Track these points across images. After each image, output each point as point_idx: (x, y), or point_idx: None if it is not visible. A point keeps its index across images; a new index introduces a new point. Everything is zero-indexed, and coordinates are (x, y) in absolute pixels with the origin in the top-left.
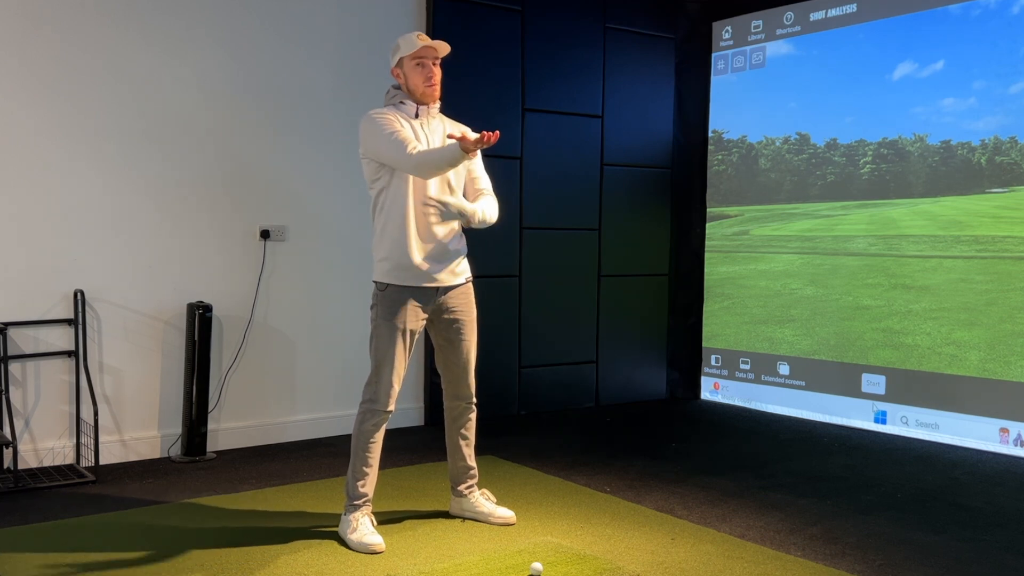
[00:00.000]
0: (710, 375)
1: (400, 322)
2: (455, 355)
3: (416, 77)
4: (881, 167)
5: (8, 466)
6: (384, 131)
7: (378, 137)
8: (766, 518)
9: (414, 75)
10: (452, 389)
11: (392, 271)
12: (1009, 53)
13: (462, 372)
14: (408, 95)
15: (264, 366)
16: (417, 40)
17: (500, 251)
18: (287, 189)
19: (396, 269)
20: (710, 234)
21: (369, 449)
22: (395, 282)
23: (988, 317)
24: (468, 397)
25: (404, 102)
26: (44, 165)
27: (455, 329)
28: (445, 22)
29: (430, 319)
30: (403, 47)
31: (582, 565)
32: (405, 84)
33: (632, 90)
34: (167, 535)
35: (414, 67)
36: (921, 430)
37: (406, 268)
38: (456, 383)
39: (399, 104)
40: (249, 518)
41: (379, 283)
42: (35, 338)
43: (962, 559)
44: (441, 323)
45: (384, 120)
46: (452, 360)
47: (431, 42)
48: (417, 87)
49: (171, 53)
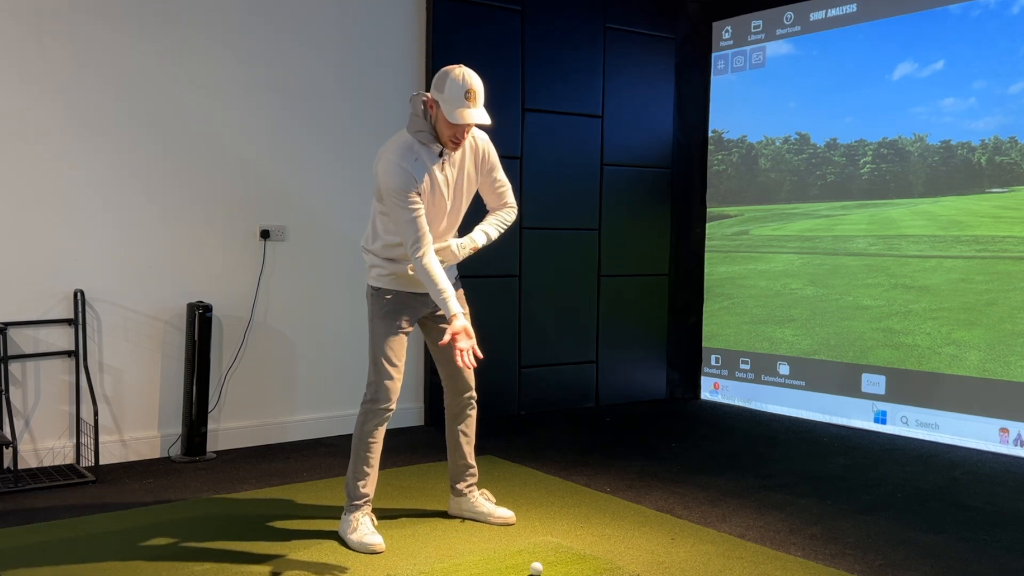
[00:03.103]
0: (710, 375)
1: (394, 319)
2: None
3: (446, 131)
4: (881, 167)
5: (8, 466)
6: (406, 214)
7: (397, 211)
8: (766, 518)
9: (445, 128)
10: (451, 385)
11: (386, 277)
12: (1009, 53)
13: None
14: (433, 130)
15: (264, 366)
16: (464, 106)
17: (500, 251)
18: (287, 189)
19: (391, 277)
20: (710, 234)
21: (370, 449)
22: (389, 287)
23: (988, 317)
24: (468, 391)
25: (429, 145)
26: (44, 165)
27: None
28: (445, 22)
29: (423, 320)
30: (450, 100)
31: (582, 565)
32: (434, 120)
33: (632, 90)
34: (167, 535)
35: (449, 124)
36: (921, 430)
37: (402, 277)
38: (454, 379)
39: (424, 145)
40: (249, 518)
41: (372, 287)
42: (35, 338)
43: (962, 559)
44: (435, 320)
45: (410, 197)
46: (450, 356)
47: (474, 120)
48: (442, 136)
49: (171, 53)
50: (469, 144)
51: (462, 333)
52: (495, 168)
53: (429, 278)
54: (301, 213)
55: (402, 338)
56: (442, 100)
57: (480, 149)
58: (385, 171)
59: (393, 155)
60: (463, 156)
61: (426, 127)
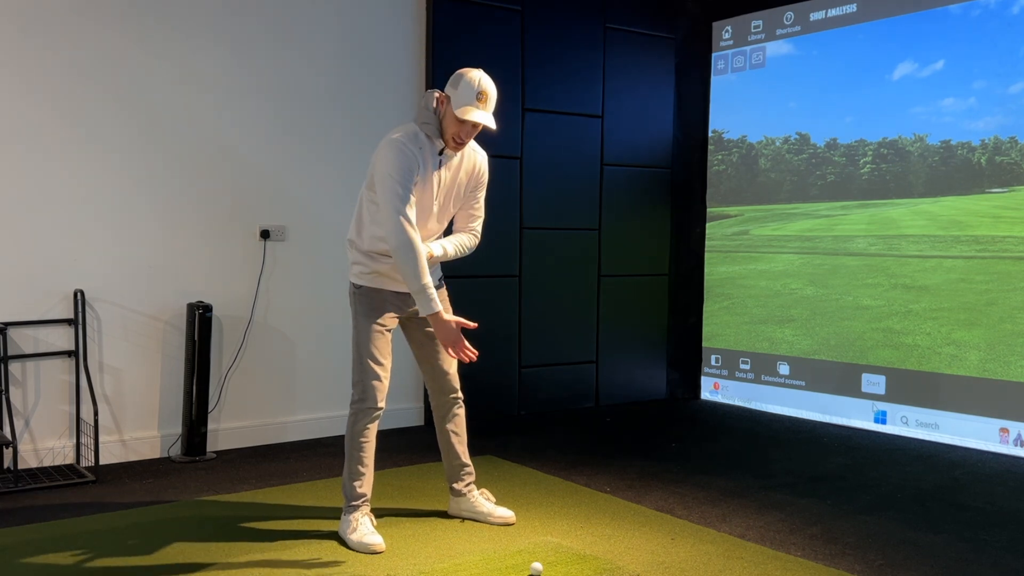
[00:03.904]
0: (710, 375)
1: (378, 317)
2: (434, 350)
3: (452, 128)
4: (881, 167)
5: (8, 466)
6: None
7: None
8: (766, 518)
9: (452, 125)
10: (435, 385)
11: (368, 275)
12: (1009, 53)
13: (442, 367)
14: (439, 125)
15: (264, 366)
16: (474, 106)
17: (500, 251)
18: (287, 189)
19: (373, 274)
20: (710, 234)
21: (363, 449)
22: (371, 284)
23: (988, 317)
24: (453, 391)
25: (433, 139)
26: (44, 165)
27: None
28: (445, 22)
29: (404, 320)
30: (462, 96)
31: (582, 565)
32: (441, 117)
33: (632, 90)
34: (167, 535)
35: (456, 120)
36: (921, 430)
37: (384, 274)
38: (439, 378)
39: (429, 137)
40: (249, 518)
41: (355, 284)
42: (35, 338)
43: (962, 559)
44: (417, 321)
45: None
46: (431, 356)
47: (480, 120)
48: (446, 132)
49: (171, 53)
50: (468, 155)
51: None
52: (481, 188)
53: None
54: (301, 213)
55: (387, 336)
56: (454, 96)
57: (477, 164)
58: (386, 150)
59: (398, 138)
60: (459, 163)
61: (433, 120)
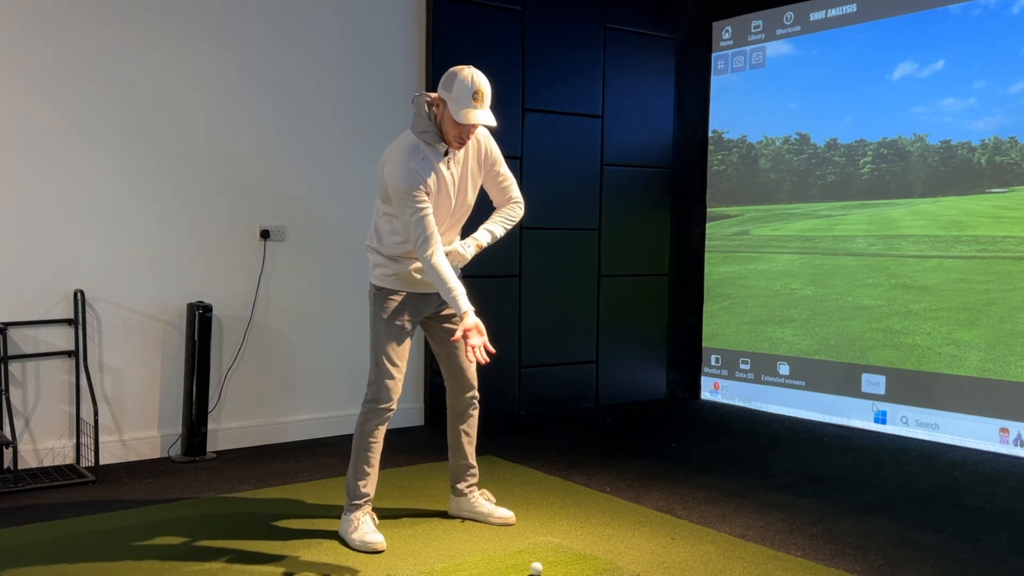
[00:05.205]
0: (710, 375)
1: (397, 319)
2: (453, 348)
3: (452, 131)
4: (881, 167)
5: (8, 466)
6: (415, 213)
7: (405, 211)
8: (766, 518)
9: (451, 128)
10: (454, 383)
11: (390, 277)
12: (1009, 53)
13: (460, 364)
14: (437, 130)
15: (264, 366)
16: (472, 106)
17: (500, 251)
18: (287, 189)
19: (395, 277)
20: (710, 234)
21: (371, 449)
22: (392, 287)
23: (988, 317)
24: (471, 391)
25: (434, 144)
26: (44, 165)
27: (454, 323)
28: (445, 22)
29: (425, 321)
30: (458, 99)
31: (582, 565)
32: (440, 119)
33: (632, 90)
34: (167, 535)
35: (454, 123)
36: (921, 430)
37: (405, 278)
38: (459, 377)
39: (429, 145)
40: (249, 518)
41: (375, 286)
42: (35, 338)
43: (962, 559)
44: (438, 319)
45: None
46: (451, 353)
47: (481, 120)
48: (447, 135)
49: (171, 53)
50: (471, 141)
51: (473, 330)
52: (497, 162)
53: (439, 277)
54: (301, 213)
55: (405, 338)
56: (449, 99)
57: (482, 145)
58: (392, 172)
59: (400, 155)
60: (466, 154)
61: (431, 127)
